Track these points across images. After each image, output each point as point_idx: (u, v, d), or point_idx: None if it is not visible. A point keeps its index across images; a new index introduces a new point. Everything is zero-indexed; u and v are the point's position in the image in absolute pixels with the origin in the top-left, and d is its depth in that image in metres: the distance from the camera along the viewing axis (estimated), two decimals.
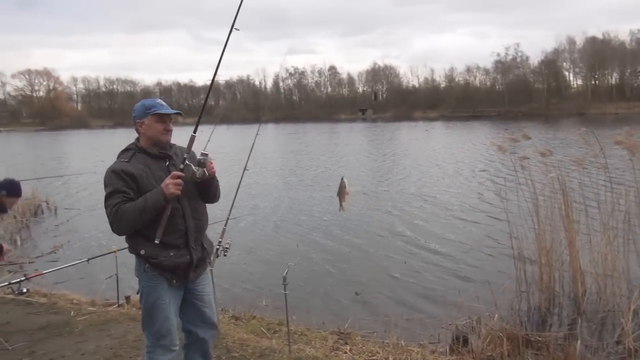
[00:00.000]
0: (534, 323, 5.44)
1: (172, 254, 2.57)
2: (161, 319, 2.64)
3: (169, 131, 2.70)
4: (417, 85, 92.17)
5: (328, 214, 11.56)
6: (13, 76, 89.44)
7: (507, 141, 6.39)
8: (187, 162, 2.59)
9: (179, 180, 2.51)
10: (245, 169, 4.70)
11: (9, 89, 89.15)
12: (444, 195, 13.32)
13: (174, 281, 2.64)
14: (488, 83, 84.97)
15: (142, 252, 2.57)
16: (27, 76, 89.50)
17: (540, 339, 4.69)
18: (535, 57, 79.44)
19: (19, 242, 9.87)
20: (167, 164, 2.68)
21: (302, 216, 11.54)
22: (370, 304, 6.33)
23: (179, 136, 2.91)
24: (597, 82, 75.92)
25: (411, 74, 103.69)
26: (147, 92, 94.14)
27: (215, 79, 3.18)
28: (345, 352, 4.21)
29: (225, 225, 4.30)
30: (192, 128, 2.78)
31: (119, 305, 5.36)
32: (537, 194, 6.11)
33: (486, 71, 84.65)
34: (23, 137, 54.69)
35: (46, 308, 5.23)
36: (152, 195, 2.49)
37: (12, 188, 3.90)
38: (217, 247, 3.86)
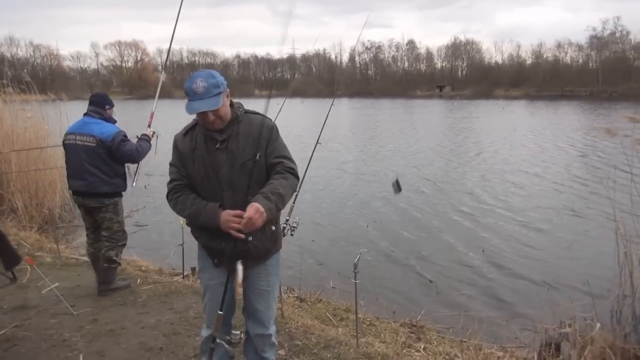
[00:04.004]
0: None
1: (207, 237, 2.42)
2: (203, 291, 2.61)
3: (212, 122, 2.26)
4: (500, 61, 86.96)
5: (400, 195, 11.01)
6: (105, 47, 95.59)
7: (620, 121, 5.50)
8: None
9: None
10: (317, 142, 4.33)
11: (101, 59, 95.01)
12: (531, 179, 12.29)
13: (215, 261, 2.47)
14: (580, 60, 78.16)
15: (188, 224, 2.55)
16: (117, 47, 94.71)
17: None
18: (638, 33, 72.00)
19: None
20: (217, 146, 2.31)
21: (373, 195, 11.09)
22: (445, 295, 5.82)
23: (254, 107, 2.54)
24: None
25: (495, 50, 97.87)
26: (226, 64, 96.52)
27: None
28: (419, 351, 3.78)
29: (293, 203, 3.95)
30: (266, 101, 2.49)
31: (184, 277, 5.27)
32: None
33: (579, 47, 77.85)
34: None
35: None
36: (208, 216, 2.30)
37: (109, 100, 4.59)
38: (284, 225, 3.53)
